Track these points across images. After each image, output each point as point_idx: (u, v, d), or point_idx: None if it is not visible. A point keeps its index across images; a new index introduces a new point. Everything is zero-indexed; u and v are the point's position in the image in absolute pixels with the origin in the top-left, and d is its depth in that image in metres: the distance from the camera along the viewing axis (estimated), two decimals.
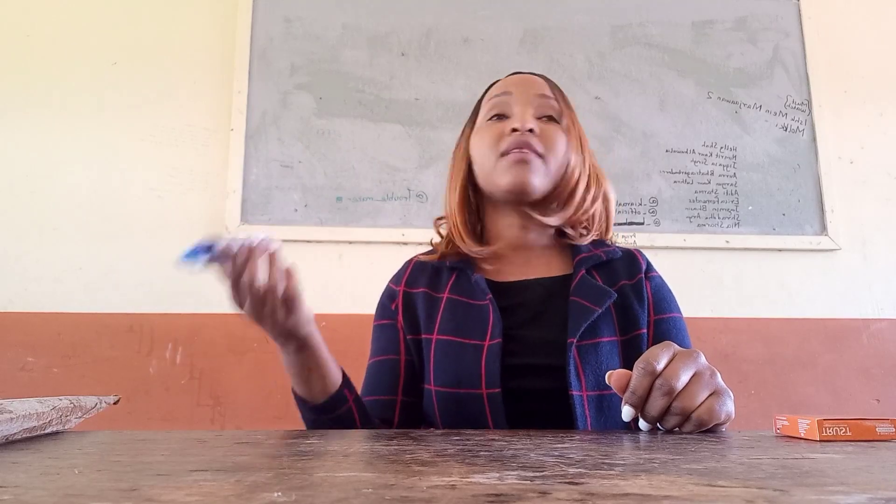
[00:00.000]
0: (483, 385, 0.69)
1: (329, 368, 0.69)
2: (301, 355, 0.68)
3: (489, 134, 0.79)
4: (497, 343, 0.71)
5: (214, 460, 0.33)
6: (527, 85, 0.81)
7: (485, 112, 0.82)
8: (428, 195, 1.69)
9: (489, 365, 0.70)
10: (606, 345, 0.72)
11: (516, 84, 0.81)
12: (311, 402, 0.68)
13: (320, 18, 1.77)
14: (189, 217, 1.64)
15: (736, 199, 1.80)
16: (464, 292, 0.78)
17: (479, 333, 0.73)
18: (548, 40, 1.83)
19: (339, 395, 0.69)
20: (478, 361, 0.70)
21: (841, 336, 1.74)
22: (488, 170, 0.78)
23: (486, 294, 0.76)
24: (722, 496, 0.22)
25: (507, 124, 0.77)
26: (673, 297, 0.81)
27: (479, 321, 0.74)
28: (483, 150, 0.79)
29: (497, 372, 0.69)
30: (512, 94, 0.80)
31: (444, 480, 0.26)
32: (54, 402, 0.50)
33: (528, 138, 0.76)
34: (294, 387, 0.70)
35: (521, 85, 0.81)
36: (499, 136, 0.77)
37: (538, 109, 0.79)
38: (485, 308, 0.75)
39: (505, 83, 0.82)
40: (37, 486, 0.26)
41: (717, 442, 0.43)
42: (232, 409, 1.52)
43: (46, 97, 1.67)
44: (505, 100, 0.80)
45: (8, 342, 1.53)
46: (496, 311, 0.74)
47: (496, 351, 0.70)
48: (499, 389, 0.69)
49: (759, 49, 1.90)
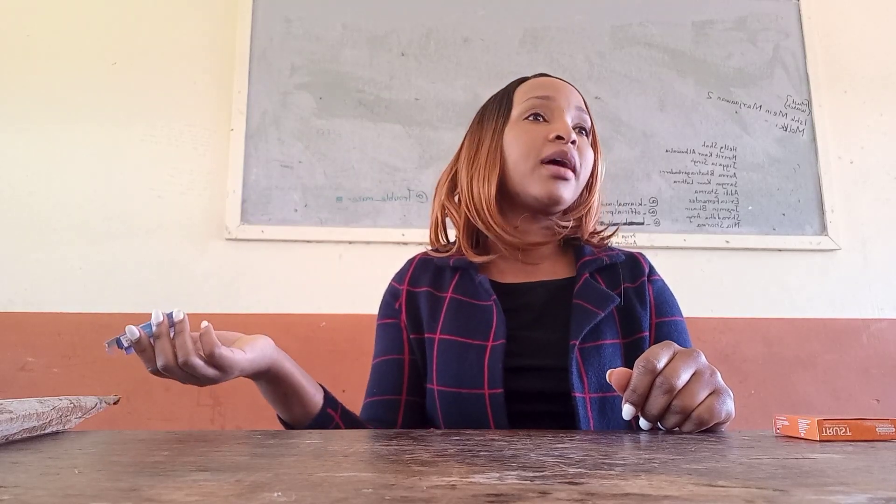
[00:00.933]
0: (485, 385, 0.69)
1: (305, 392, 0.68)
2: (273, 385, 0.67)
3: (529, 136, 0.77)
4: (501, 344, 0.71)
5: (214, 460, 0.33)
6: (567, 93, 0.80)
7: (522, 109, 0.79)
8: (428, 195, 1.69)
9: (492, 366, 0.70)
10: (609, 347, 0.72)
11: (558, 90, 0.80)
12: (297, 427, 0.69)
13: (320, 18, 1.77)
14: (189, 217, 1.64)
15: (736, 199, 1.80)
16: (467, 292, 0.78)
17: (482, 334, 0.73)
18: (548, 40, 1.83)
19: (322, 415, 0.69)
20: (481, 362, 0.70)
21: (841, 336, 1.74)
22: (523, 173, 0.77)
23: (491, 295, 0.76)
24: (722, 496, 0.22)
25: (549, 129, 0.77)
26: (675, 300, 0.82)
27: (483, 322, 0.74)
28: (522, 151, 0.77)
29: (500, 373, 0.69)
30: (553, 98, 0.79)
31: (444, 480, 0.26)
32: (54, 402, 0.50)
33: (570, 150, 0.76)
34: (279, 414, 0.71)
35: (562, 92, 0.80)
36: (541, 141, 0.76)
37: (574, 121, 0.79)
38: (488, 309, 0.75)
39: (544, 85, 0.81)
40: (37, 486, 0.26)
41: (717, 442, 0.43)
42: (232, 409, 1.52)
43: (46, 97, 1.67)
44: (546, 103, 0.78)
45: (8, 342, 1.53)
46: (500, 312, 0.74)
47: (499, 352, 0.70)
48: (501, 390, 0.69)
49: (759, 49, 1.90)
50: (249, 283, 1.61)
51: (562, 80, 0.83)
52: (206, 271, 1.61)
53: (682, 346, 0.74)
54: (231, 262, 1.62)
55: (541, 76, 0.84)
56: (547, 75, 0.84)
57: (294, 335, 1.57)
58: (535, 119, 0.78)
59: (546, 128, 0.77)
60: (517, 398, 0.69)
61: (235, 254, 1.63)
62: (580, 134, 0.80)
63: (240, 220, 1.63)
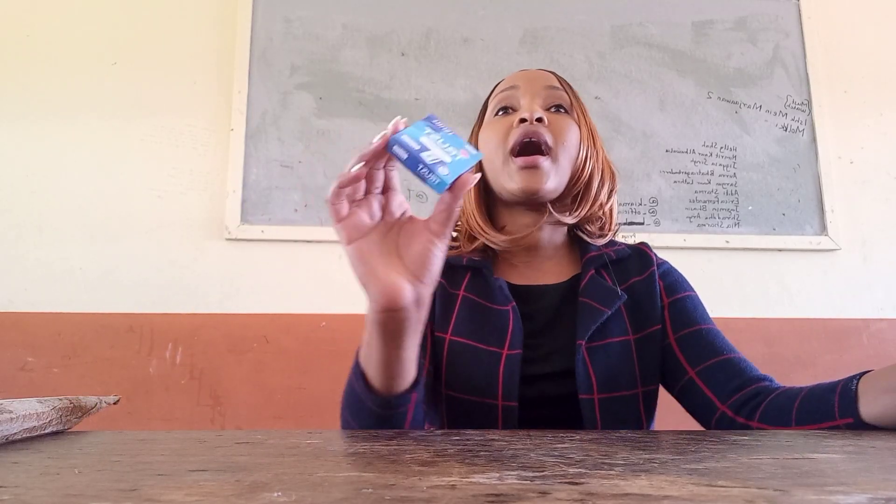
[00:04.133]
0: (500, 397, 0.67)
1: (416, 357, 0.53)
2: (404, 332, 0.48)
3: (496, 129, 0.75)
4: (517, 354, 0.68)
5: (214, 460, 0.33)
6: (534, 77, 0.77)
7: (492, 107, 0.79)
8: (428, 195, 1.69)
9: (508, 376, 0.67)
10: (617, 345, 0.70)
11: (523, 77, 0.78)
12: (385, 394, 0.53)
13: (320, 18, 1.77)
14: (189, 217, 1.64)
15: (736, 199, 1.80)
16: (481, 294, 0.75)
17: (496, 340, 0.70)
18: (548, 40, 1.83)
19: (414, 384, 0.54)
20: (495, 370, 0.68)
21: (841, 336, 1.74)
22: (497, 170, 0.74)
23: (510, 301, 0.72)
24: (722, 496, 0.22)
25: (514, 117, 0.74)
26: (685, 278, 0.79)
27: (498, 327, 0.71)
28: (491, 147, 0.75)
29: (516, 384, 0.67)
30: (519, 87, 0.76)
31: (444, 480, 0.26)
32: (54, 402, 0.50)
33: (537, 128, 0.71)
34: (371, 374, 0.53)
35: (527, 78, 0.77)
36: (507, 130, 0.73)
37: (546, 100, 0.75)
38: (504, 314, 0.71)
39: (511, 78, 0.79)
40: (37, 486, 0.26)
41: (717, 442, 0.43)
42: (232, 409, 1.52)
43: (46, 97, 1.67)
44: (511, 93, 0.76)
45: (8, 342, 1.53)
46: (518, 319, 0.70)
47: (516, 361, 0.68)
48: (516, 403, 0.67)
49: (759, 49, 1.90)
50: (249, 283, 1.61)
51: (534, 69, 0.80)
52: (206, 271, 1.61)
53: (701, 317, 0.73)
54: (231, 262, 1.62)
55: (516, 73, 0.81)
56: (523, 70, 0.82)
57: (294, 335, 1.57)
58: (503, 113, 0.77)
59: (512, 116, 0.74)
60: (527, 405, 0.68)
61: (235, 254, 1.62)
62: (557, 112, 0.75)
63: (240, 220, 1.63)
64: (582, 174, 0.75)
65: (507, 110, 0.77)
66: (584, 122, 0.77)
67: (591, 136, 0.78)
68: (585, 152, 0.76)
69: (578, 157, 0.75)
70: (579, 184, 0.76)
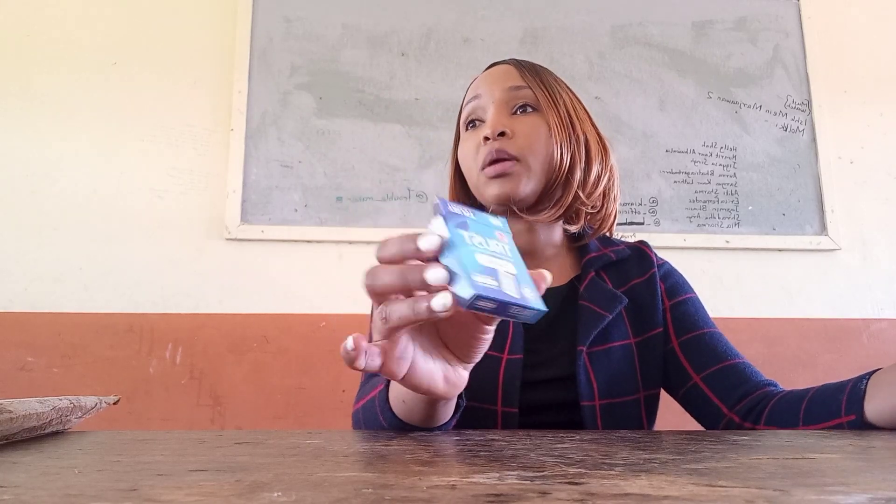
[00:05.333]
0: (499, 402, 0.67)
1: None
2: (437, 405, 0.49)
3: (468, 145, 0.75)
4: (518, 359, 0.68)
5: (214, 460, 0.33)
6: (494, 81, 0.75)
7: (462, 119, 0.78)
8: (428, 195, 1.69)
9: (508, 381, 0.67)
10: (619, 349, 0.70)
11: (485, 83, 0.76)
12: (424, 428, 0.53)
13: (320, 18, 1.77)
14: (189, 217, 1.64)
15: (736, 199, 1.80)
16: None
17: (496, 344, 0.68)
18: (548, 40, 1.83)
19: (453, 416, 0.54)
20: (494, 375, 0.67)
21: (841, 336, 1.74)
22: (475, 185, 0.75)
23: None
24: (722, 496, 0.22)
25: (480, 132, 0.73)
26: (685, 280, 0.78)
27: (498, 331, 0.69)
28: (467, 164, 0.75)
29: (516, 390, 0.67)
30: (481, 96, 0.75)
31: (444, 480, 0.26)
32: (54, 402, 0.50)
33: (500, 144, 0.70)
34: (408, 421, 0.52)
35: (487, 83, 0.75)
36: (476, 146, 0.73)
37: (510, 103, 0.73)
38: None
39: (475, 85, 0.78)
40: (37, 486, 0.26)
41: (717, 442, 0.43)
42: (232, 409, 1.52)
43: (47, 97, 1.67)
44: (476, 104, 0.75)
45: (8, 342, 1.53)
46: (518, 322, 0.69)
47: (516, 366, 0.67)
48: (516, 409, 0.66)
49: (759, 49, 1.91)
50: (249, 283, 1.61)
51: (497, 65, 0.78)
52: (206, 271, 1.61)
53: (702, 321, 0.72)
54: (231, 262, 1.62)
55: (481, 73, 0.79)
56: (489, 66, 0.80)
57: (294, 335, 1.57)
58: (472, 127, 0.76)
59: (479, 132, 0.73)
60: (527, 411, 0.67)
61: (235, 254, 1.62)
62: (523, 112, 0.73)
63: (240, 220, 1.63)
64: (560, 169, 0.71)
65: (474, 123, 0.76)
66: (553, 113, 0.72)
67: (565, 123, 0.73)
68: (560, 145, 0.71)
69: (552, 155, 0.71)
70: (559, 179, 0.72)
